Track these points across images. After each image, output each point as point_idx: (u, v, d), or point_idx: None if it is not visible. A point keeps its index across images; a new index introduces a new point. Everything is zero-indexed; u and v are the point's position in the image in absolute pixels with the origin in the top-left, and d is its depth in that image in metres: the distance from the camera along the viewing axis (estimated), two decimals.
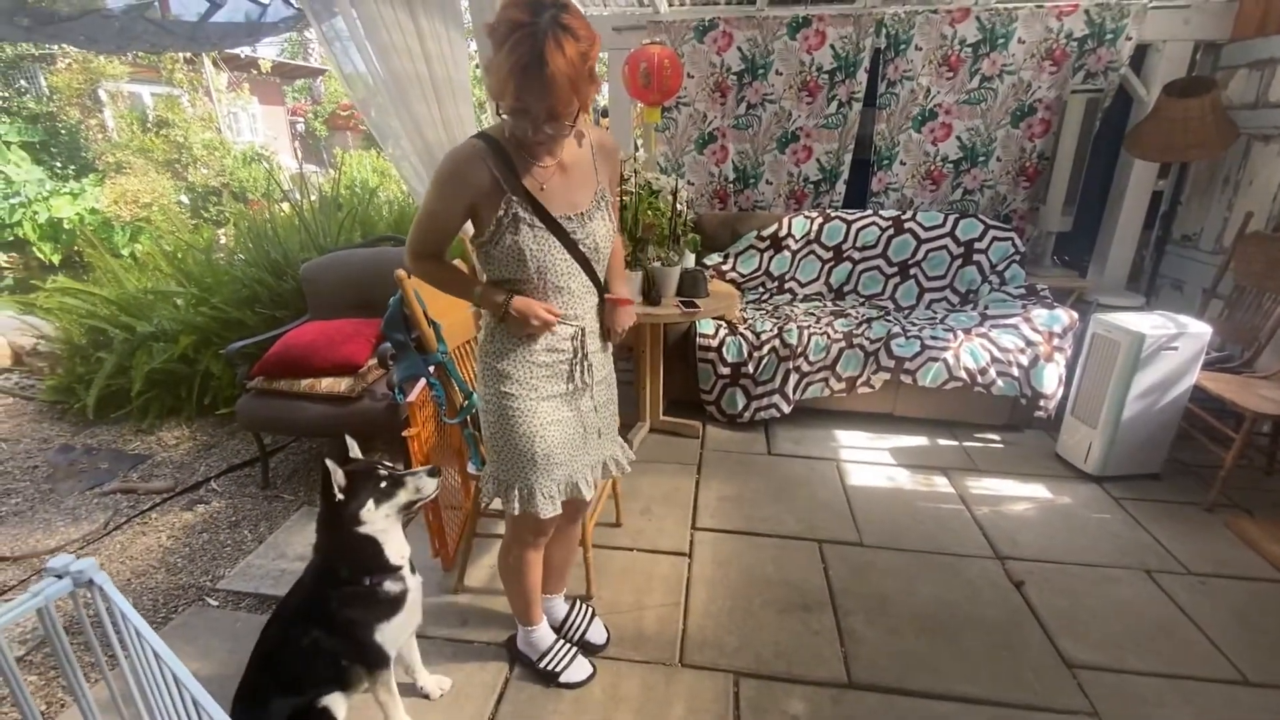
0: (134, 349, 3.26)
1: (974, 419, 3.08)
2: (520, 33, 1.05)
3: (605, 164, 1.39)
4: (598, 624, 1.83)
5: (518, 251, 1.27)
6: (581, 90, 1.12)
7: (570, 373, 1.42)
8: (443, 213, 1.28)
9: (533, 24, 1.05)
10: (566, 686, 1.67)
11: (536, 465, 1.40)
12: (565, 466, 1.44)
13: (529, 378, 1.38)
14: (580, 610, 1.84)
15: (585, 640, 1.79)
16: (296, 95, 15.89)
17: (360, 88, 1.89)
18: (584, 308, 1.40)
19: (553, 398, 1.41)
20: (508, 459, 1.41)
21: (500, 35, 1.07)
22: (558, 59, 1.06)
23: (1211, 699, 1.65)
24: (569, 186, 1.32)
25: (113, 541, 2.36)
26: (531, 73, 1.06)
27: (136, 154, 8.62)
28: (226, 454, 2.98)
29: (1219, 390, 2.47)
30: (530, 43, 1.05)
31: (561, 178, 1.31)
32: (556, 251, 1.30)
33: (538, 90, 1.08)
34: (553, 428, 1.40)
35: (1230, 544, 2.27)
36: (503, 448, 1.41)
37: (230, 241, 4.86)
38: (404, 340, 1.74)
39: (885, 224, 3.56)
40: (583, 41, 1.09)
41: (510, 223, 1.26)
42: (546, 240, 1.28)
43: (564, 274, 1.33)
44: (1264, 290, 2.85)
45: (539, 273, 1.30)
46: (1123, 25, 3.25)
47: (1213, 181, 3.43)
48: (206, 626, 1.92)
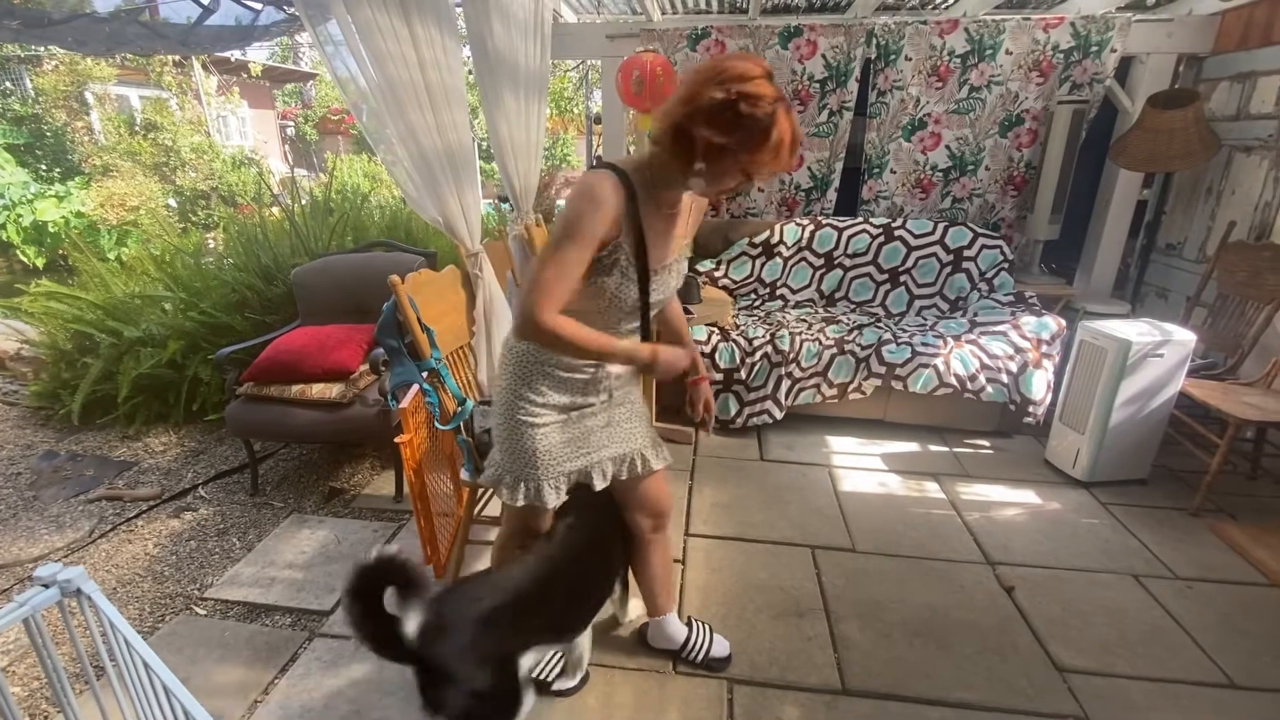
0: (121, 354, 3.22)
1: (964, 425, 3.11)
2: (776, 108, 1.10)
3: (695, 217, 1.40)
4: (719, 639, 1.78)
5: (599, 291, 1.25)
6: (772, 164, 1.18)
7: (586, 389, 1.41)
8: (579, 258, 1.17)
9: (779, 100, 1.10)
10: (559, 694, 1.66)
11: (540, 463, 1.40)
12: (575, 461, 1.44)
13: (550, 388, 1.37)
14: (699, 629, 1.78)
15: (711, 657, 1.74)
16: (287, 99, 15.81)
17: (353, 91, 1.88)
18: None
19: (564, 406, 1.40)
20: (516, 455, 1.41)
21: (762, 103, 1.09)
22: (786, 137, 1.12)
23: (1199, 703, 1.67)
24: (669, 236, 1.32)
25: (98, 549, 2.32)
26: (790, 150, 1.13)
27: (124, 157, 8.53)
28: (215, 460, 2.95)
29: (1203, 397, 2.51)
30: (786, 121, 1.10)
31: (666, 226, 1.30)
32: (631, 299, 1.29)
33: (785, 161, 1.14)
34: (557, 430, 1.40)
35: (1216, 549, 2.30)
36: (512, 444, 1.41)
37: (219, 246, 4.82)
38: (397, 346, 1.74)
39: (876, 231, 3.59)
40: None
41: (608, 264, 1.23)
42: (630, 289, 1.27)
43: (625, 317, 1.33)
44: (1246, 298, 2.90)
45: (603, 312, 1.29)
46: (1107, 38, 3.30)
47: (1196, 191, 3.49)
48: (194, 635, 1.89)
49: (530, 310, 1.17)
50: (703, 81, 1.11)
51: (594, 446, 1.46)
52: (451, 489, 2.25)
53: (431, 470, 2.04)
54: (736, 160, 1.12)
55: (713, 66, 1.12)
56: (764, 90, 1.09)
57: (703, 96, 1.10)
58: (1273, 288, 2.76)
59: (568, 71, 10.69)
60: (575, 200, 1.17)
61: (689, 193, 1.30)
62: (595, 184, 1.17)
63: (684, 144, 1.14)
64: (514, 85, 2.57)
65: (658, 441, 1.58)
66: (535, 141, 2.86)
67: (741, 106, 1.08)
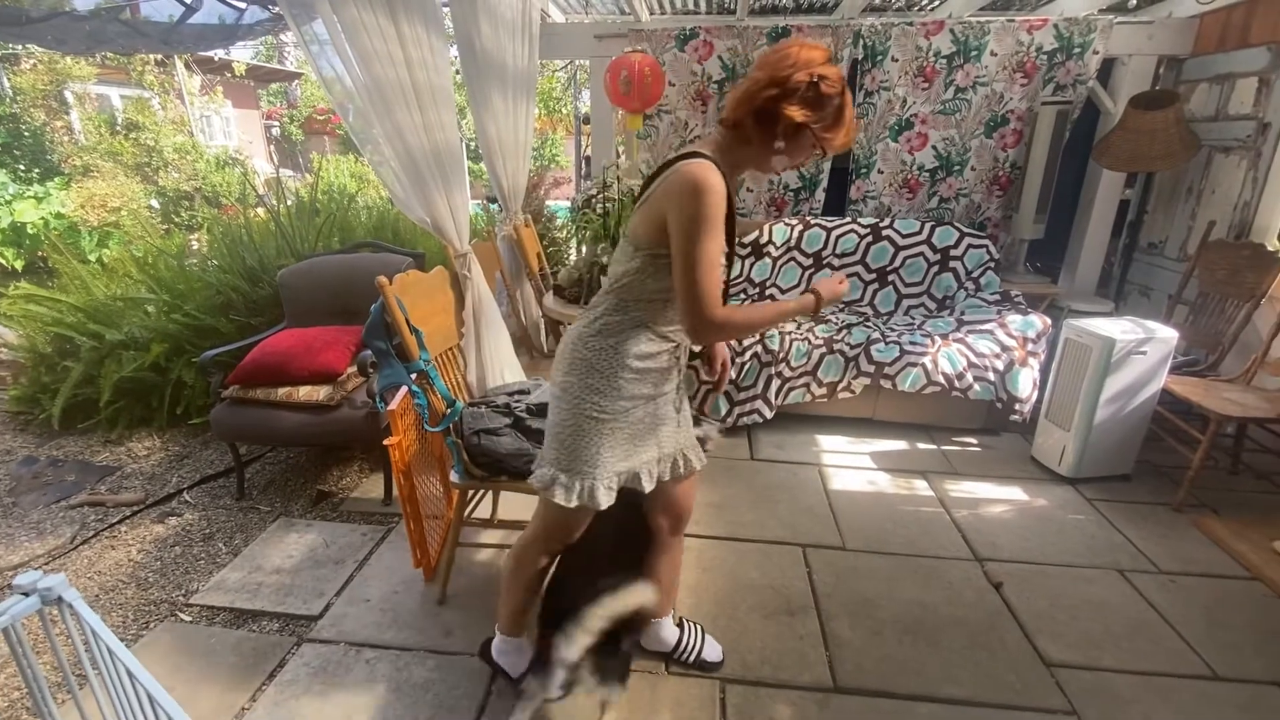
0: (102, 357, 3.17)
1: (952, 423, 3.13)
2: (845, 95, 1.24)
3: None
4: (711, 641, 1.79)
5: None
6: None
7: (662, 377, 1.41)
8: (718, 248, 1.23)
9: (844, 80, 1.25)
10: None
11: (601, 462, 1.37)
12: (630, 460, 1.41)
13: (630, 385, 1.36)
14: (692, 631, 1.78)
15: (702, 660, 1.74)
16: (272, 99, 15.65)
17: (339, 91, 1.87)
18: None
19: (634, 399, 1.38)
20: (575, 453, 1.37)
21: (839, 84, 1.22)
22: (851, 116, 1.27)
23: (1183, 695, 1.69)
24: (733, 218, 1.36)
25: (80, 556, 2.28)
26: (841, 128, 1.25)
27: (105, 157, 8.40)
28: (200, 465, 2.91)
29: (1185, 393, 2.55)
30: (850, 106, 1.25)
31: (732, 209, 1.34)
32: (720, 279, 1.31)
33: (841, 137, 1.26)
34: (624, 426, 1.38)
35: (1198, 543, 2.33)
36: (572, 442, 1.37)
37: (203, 247, 4.76)
38: (385, 348, 1.72)
39: (864, 231, 3.61)
40: None
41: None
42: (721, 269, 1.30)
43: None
44: (1227, 296, 2.95)
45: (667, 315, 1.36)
46: (1090, 39, 3.35)
47: (1177, 191, 3.54)
48: (179, 643, 1.87)
49: (700, 314, 1.23)
50: (784, 66, 1.21)
51: (652, 444, 1.44)
52: (441, 491, 2.23)
53: (421, 473, 2.02)
54: (815, 136, 1.23)
55: (789, 54, 1.23)
56: (835, 73, 1.22)
57: (788, 80, 1.20)
58: (1252, 285, 2.81)
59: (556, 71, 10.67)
60: (695, 196, 1.19)
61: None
62: (707, 176, 1.20)
63: (767, 125, 1.24)
64: (502, 85, 2.57)
65: (696, 441, 1.58)
66: (524, 142, 2.85)
67: (823, 87, 1.20)
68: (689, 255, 1.20)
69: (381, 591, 2.05)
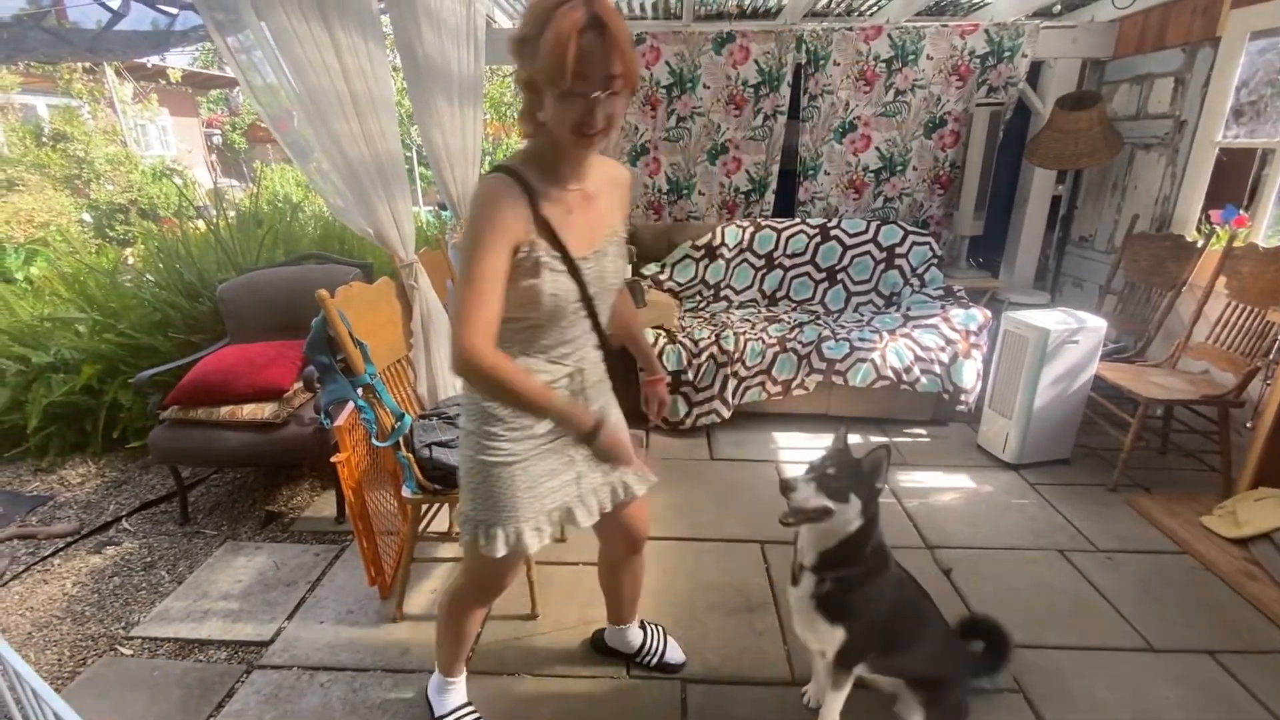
0: (30, 381, 3.01)
1: (902, 415, 3.22)
2: (568, 4, 0.98)
3: (619, 197, 1.30)
4: (673, 644, 1.79)
5: (534, 295, 1.14)
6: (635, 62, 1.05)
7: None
8: (498, 266, 1.08)
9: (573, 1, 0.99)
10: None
11: (520, 504, 1.26)
12: (557, 496, 1.31)
13: (518, 417, 1.24)
14: (654, 633, 1.78)
15: (665, 662, 1.74)
16: (212, 106, 15.11)
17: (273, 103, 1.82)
18: (581, 348, 1.28)
19: (541, 436, 1.27)
20: (489, 501, 1.26)
21: (540, 19, 0.99)
22: (615, 18, 1.00)
23: (1122, 667, 1.78)
24: (592, 218, 1.21)
25: (10, 592, 2.16)
26: (591, 35, 0.98)
27: (31, 170, 7.97)
28: (140, 490, 2.79)
29: (1115, 379, 2.68)
30: (584, 8, 0.98)
31: (585, 208, 1.19)
32: (571, 294, 1.18)
33: (600, 55, 0.99)
34: (536, 463, 1.27)
35: (1132, 520, 2.46)
36: (482, 489, 1.26)
37: (139, 262, 4.56)
38: (329, 363, 1.68)
39: (813, 232, 3.69)
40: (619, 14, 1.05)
41: (530, 266, 1.13)
42: (564, 283, 1.16)
43: (572, 315, 1.21)
44: (1151, 285, 3.11)
45: (550, 316, 1.18)
46: (1018, 43, 3.49)
47: (1103, 187, 3.72)
48: (120, 678, 1.78)
49: (458, 340, 1.05)
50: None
51: (576, 476, 1.33)
52: (395, 506, 2.19)
53: (373, 489, 1.98)
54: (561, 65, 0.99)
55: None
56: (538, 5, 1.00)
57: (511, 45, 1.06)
58: (1174, 275, 2.97)
59: (507, 77, 10.60)
60: (473, 213, 1.11)
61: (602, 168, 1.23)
62: (485, 191, 1.11)
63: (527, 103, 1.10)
64: (447, 92, 2.53)
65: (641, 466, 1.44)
66: (472, 148, 2.82)
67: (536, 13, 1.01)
68: (461, 274, 1.09)
69: (335, 612, 2.00)
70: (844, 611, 1.35)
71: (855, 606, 1.35)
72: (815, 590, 1.36)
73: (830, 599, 1.35)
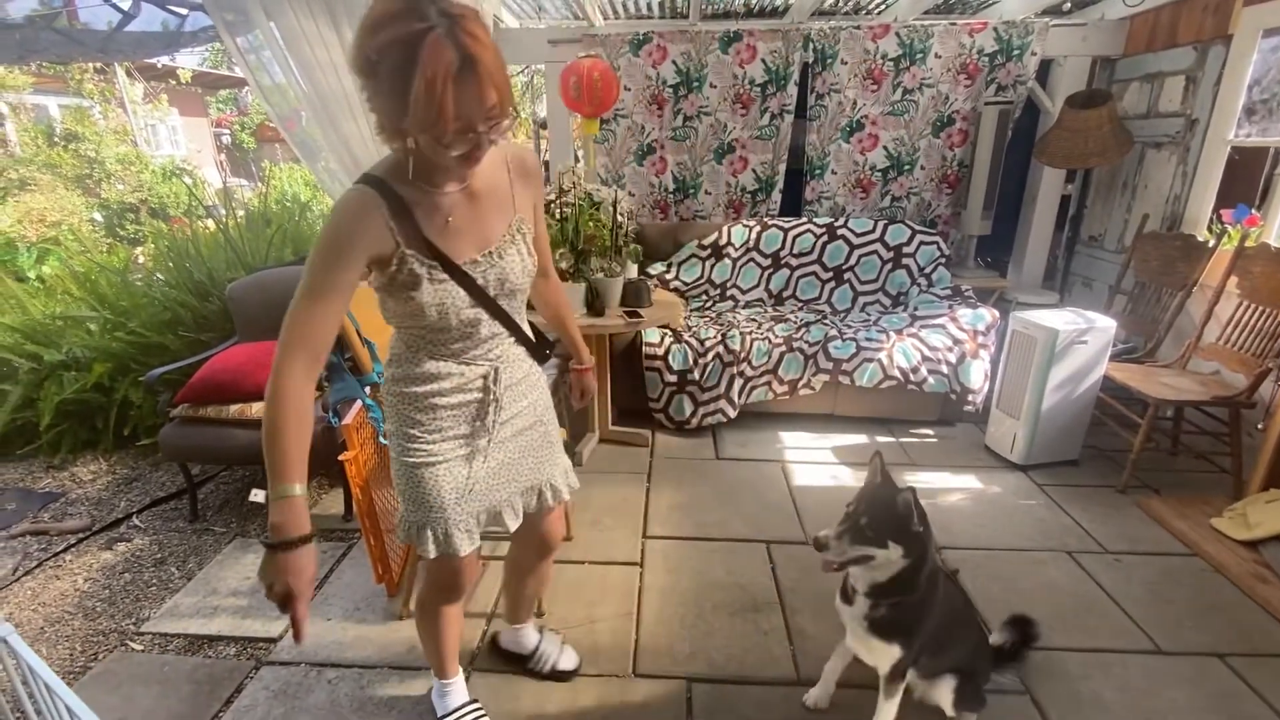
0: (42, 379, 3.04)
1: (909, 415, 3.21)
2: (430, 37, 0.86)
3: (525, 187, 1.22)
4: (569, 650, 1.79)
5: (417, 308, 1.09)
6: (505, 77, 0.94)
7: (478, 414, 1.26)
8: (336, 285, 1.00)
9: (430, 25, 0.86)
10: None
11: (445, 505, 1.24)
12: (482, 499, 1.30)
13: (434, 420, 1.22)
14: (550, 638, 1.79)
15: (557, 669, 1.74)
16: (221, 106, 15.21)
17: (282, 103, 1.83)
18: (495, 348, 1.24)
19: (460, 438, 1.25)
20: (417, 501, 1.25)
21: (399, 54, 0.87)
22: (484, 51, 0.90)
23: (1129, 669, 1.77)
24: (480, 216, 1.13)
25: (23, 588, 2.19)
26: (465, 76, 0.88)
27: (43, 169, 8.06)
28: (150, 487, 2.81)
29: (1125, 379, 2.66)
30: (450, 42, 0.87)
31: (470, 208, 1.12)
32: (460, 301, 1.11)
33: (476, 94, 0.90)
34: (459, 466, 1.26)
35: (1141, 522, 2.44)
36: (409, 490, 1.25)
37: (149, 261, 4.60)
38: (337, 362, 1.69)
39: (819, 231, 3.68)
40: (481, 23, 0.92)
41: (406, 279, 1.07)
42: (449, 291, 1.10)
43: (469, 321, 1.16)
44: (1161, 286, 3.09)
45: (439, 324, 1.13)
46: (1028, 41, 3.47)
47: (1113, 186, 3.70)
48: (130, 673, 1.80)
49: (279, 345, 0.98)
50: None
51: (502, 480, 1.32)
52: None
53: (380, 487, 1.99)
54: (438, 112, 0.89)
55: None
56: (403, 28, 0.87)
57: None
58: (1184, 274, 2.95)
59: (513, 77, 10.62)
60: (324, 225, 1.03)
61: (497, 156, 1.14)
62: (340, 204, 1.03)
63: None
64: None
65: (568, 469, 1.48)
66: None
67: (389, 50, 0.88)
68: (298, 289, 1.00)
69: (343, 609, 2.02)
70: (899, 631, 1.37)
71: (910, 626, 1.37)
72: (869, 613, 1.38)
73: (885, 621, 1.37)
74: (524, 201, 1.22)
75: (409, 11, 0.87)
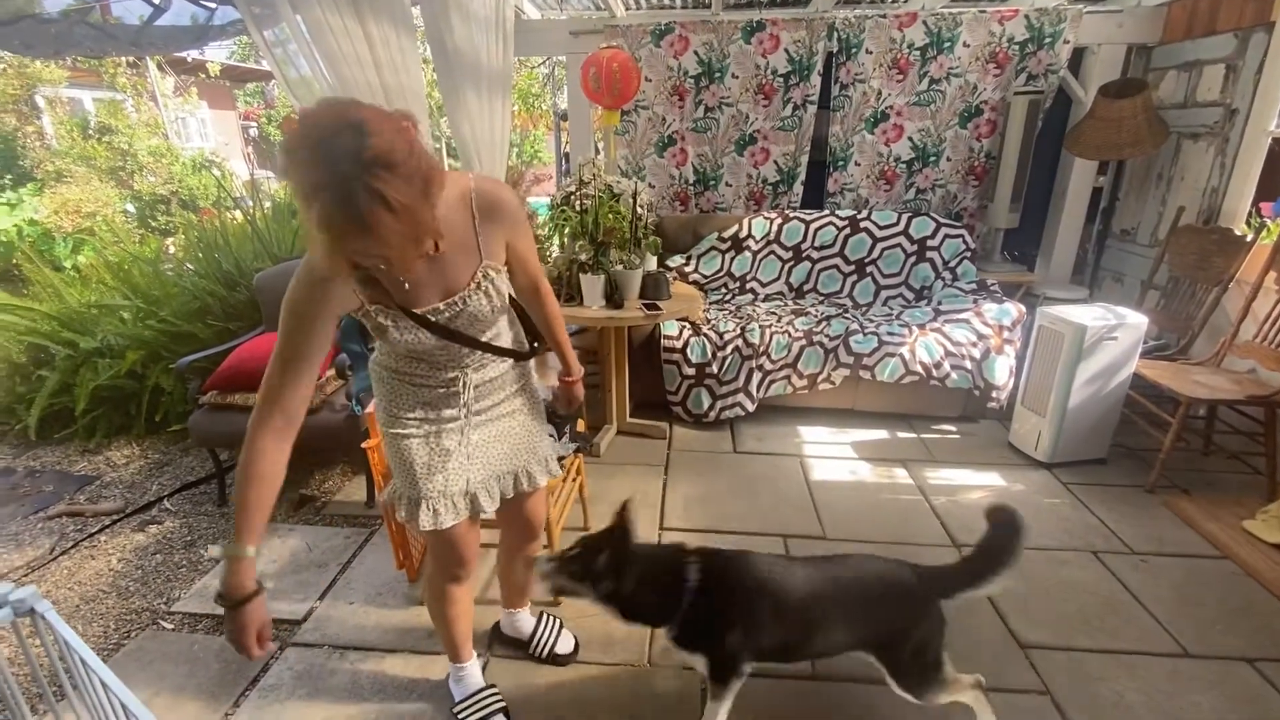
0: (78, 366, 3.13)
1: (931, 411, 3.17)
2: (324, 196, 0.84)
3: (494, 228, 1.20)
4: (565, 634, 1.82)
5: (391, 340, 1.19)
6: (423, 221, 0.93)
7: (448, 401, 1.32)
8: (308, 339, 1.07)
9: (334, 181, 0.84)
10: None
11: (423, 477, 1.31)
12: (459, 477, 1.35)
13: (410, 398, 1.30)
14: (547, 623, 1.83)
15: (554, 653, 1.78)
16: (249, 99, 15.45)
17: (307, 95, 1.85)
18: (465, 359, 1.30)
19: (431, 420, 1.32)
20: (401, 473, 1.34)
21: (302, 198, 0.86)
22: (383, 217, 0.86)
23: (1154, 672, 1.73)
24: (442, 270, 1.16)
25: (59, 567, 2.27)
26: (361, 238, 0.88)
27: (78, 162, 8.26)
28: (180, 472, 2.89)
29: (1156, 377, 2.60)
30: (345, 206, 0.85)
31: (430, 266, 1.14)
32: (428, 339, 1.19)
33: (381, 248, 0.90)
34: (435, 440, 1.32)
35: (1170, 523, 2.39)
36: (395, 461, 1.34)
37: (179, 252, 4.71)
38: (361, 351, 1.72)
39: (842, 223, 3.64)
40: (401, 164, 0.87)
41: (379, 324, 1.16)
42: (415, 335, 1.17)
43: (439, 348, 1.24)
44: (1196, 281, 3.00)
45: (417, 359, 1.26)
46: (1060, 29, 3.38)
47: (1148, 178, 3.60)
48: (161, 651, 1.86)
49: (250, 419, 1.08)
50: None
51: (477, 463, 1.37)
52: None
53: None
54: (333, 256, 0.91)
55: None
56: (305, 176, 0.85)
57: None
58: (1220, 269, 2.87)
59: (535, 68, 10.62)
60: (291, 285, 1.07)
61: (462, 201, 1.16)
62: (302, 266, 1.06)
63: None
64: (476, 83, 2.56)
65: (549, 457, 1.53)
66: (500, 139, 2.84)
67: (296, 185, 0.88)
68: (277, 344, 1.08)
69: (365, 594, 2.06)
70: (696, 643, 1.41)
71: (706, 637, 1.40)
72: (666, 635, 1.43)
73: (679, 639, 1.41)
74: (492, 244, 1.21)
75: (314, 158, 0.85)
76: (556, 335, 1.52)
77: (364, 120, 0.86)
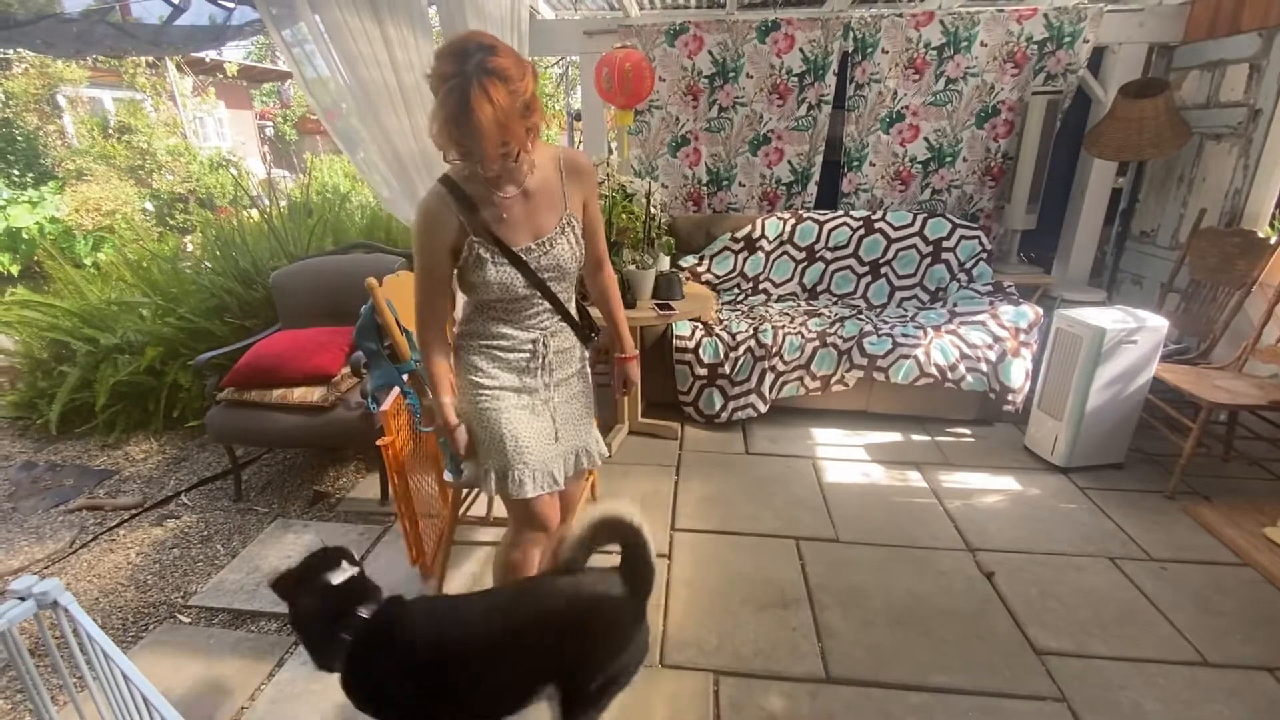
0: (98, 362, 3.18)
1: (945, 414, 3.14)
2: (449, 84, 1.12)
3: (577, 185, 1.43)
4: None
5: (484, 283, 1.36)
6: (514, 129, 1.17)
7: (529, 368, 1.47)
8: (434, 266, 1.35)
9: (458, 75, 1.12)
10: None
11: (510, 448, 1.43)
12: (537, 453, 1.47)
13: (492, 366, 1.45)
14: None
15: None
16: (265, 99, 15.60)
17: (324, 95, 1.87)
18: (545, 320, 1.47)
19: (515, 390, 1.46)
20: (488, 445, 1.45)
21: (434, 87, 1.16)
22: (484, 107, 1.12)
23: (1173, 680, 1.71)
24: (533, 212, 1.37)
25: (79, 560, 2.30)
26: (461, 122, 1.13)
27: (98, 160, 8.39)
28: (197, 467, 2.92)
29: (1176, 381, 2.56)
30: (458, 94, 1.12)
31: (524, 205, 1.36)
32: (518, 280, 1.37)
33: (473, 135, 1.15)
34: (520, 414, 1.46)
35: (1190, 529, 2.35)
36: (482, 434, 1.45)
37: (197, 250, 4.76)
38: (376, 349, 1.73)
39: (856, 224, 3.61)
40: (512, 81, 1.15)
41: (475, 260, 1.34)
42: (508, 272, 1.36)
43: (524, 297, 1.41)
44: (1218, 284, 2.96)
45: (501, 298, 1.40)
46: (1080, 28, 3.34)
47: (1168, 179, 3.54)
48: (178, 644, 1.88)
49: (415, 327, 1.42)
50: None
51: (549, 434, 1.50)
52: (437, 490, 2.25)
53: (415, 472, 2.04)
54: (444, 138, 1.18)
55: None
56: (441, 68, 1.15)
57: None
58: (1243, 273, 2.82)
59: (549, 68, 10.64)
60: (414, 224, 1.35)
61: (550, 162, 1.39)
62: (421, 205, 1.33)
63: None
64: None
65: (600, 439, 1.65)
66: None
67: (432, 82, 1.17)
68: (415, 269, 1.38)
69: None
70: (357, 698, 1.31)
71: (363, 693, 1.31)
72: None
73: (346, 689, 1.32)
74: (575, 199, 1.43)
75: (451, 57, 1.14)
76: (613, 310, 1.65)
77: (495, 45, 1.15)
